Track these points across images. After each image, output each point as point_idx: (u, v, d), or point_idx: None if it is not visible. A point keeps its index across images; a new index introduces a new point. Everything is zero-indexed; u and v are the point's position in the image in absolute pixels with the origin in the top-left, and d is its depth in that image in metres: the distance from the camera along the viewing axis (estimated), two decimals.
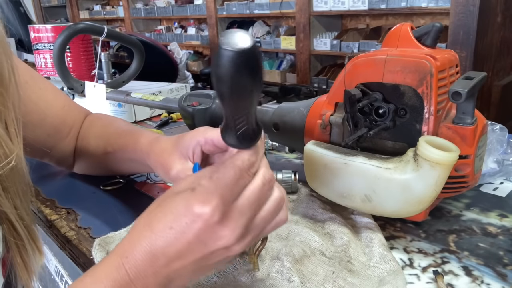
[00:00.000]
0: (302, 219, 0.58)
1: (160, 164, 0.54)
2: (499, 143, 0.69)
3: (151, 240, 0.37)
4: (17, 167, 0.44)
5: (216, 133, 0.49)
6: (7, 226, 0.45)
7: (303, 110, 0.64)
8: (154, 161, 0.57)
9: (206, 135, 0.50)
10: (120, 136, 0.66)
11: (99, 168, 0.74)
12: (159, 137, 0.59)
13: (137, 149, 0.61)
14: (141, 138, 0.61)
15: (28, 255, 0.48)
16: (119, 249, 0.38)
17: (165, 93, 1.21)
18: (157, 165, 0.56)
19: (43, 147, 0.67)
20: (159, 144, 0.57)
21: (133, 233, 0.39)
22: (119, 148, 0.65)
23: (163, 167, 0.53)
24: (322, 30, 3.00)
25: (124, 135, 0.65)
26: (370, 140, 0.56)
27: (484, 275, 0.47)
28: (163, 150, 0.55)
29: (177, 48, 3.06)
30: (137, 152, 0.61)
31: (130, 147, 0.62)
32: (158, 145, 0.57)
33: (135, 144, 0.61)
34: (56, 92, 0.71)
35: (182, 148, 0.52)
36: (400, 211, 0.51)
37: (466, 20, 2.06)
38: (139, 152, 0.60)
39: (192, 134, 0.51)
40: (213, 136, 0.49)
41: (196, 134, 0.51)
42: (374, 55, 0.54)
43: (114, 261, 0.38)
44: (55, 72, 1.24)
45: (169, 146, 0.54)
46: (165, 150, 0.54)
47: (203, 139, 0.50)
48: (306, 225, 0.56)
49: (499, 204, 0.62)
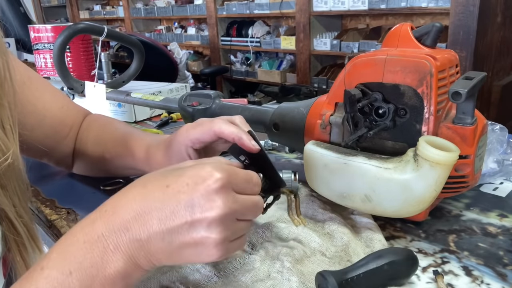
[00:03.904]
0: None
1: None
2: (499, 143, 0.69)
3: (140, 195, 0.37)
4: (13, 165, 0.44)
5: (198, 131, 0.51)
6: (6, 224, 0.45)
7: (303, 110, 0.64)
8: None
9: (190, 137, 0.52)
10: (116, 143, 0.67)
11: (98, 171, 0.74)
12: (150, 146, 0.61)
13: (135, 158, 0.63)
14: (138, 146, 0.63)
15: (28, 253, 0.48)
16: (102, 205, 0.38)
17: (165, 93, 1.21)
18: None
19: (42, 148, 0.67)
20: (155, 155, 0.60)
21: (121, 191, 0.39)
22: (116, 156, 0.67)
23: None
24: (322, 30, 3.00)
25: (120, 142, 0.67)
26: (370, 140, 0.56)
27: (484, 275, 0.47)
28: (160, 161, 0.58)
29: (177, 48, 3.06)
30: (136, 161, 0.63)
31: (128, 155, 0.65)
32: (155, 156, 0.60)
33: (133, 153, 0.64)
34: (55, 93, 0.71)
35: (176, 156, 0.54)
36: (400, 211, 0.51)
37: (466, 20, 2.06)
38: (138, 161, 0.63)
39: (178, 140, 0.54)
40: (197, 135, 0.52)
41: (182, 139, 0.53)
42: (374, 55, 0.54)
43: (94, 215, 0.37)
44: (55, 72, 1.24)
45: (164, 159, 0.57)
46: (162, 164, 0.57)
47: (190, 141, 0.52)
48: (306, 225, 0.56)
49: (499, 204, 0.62)
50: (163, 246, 0.36)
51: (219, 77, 3.76)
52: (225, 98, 0.77)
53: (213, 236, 0.36)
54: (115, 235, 0.36)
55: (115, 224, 0.36)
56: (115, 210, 0.37)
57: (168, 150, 0.56)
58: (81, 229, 0.37)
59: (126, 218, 0.36)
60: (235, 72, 3.68)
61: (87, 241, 0.36)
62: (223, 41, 3.69)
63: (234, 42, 3.59)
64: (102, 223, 0.36)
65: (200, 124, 0.52)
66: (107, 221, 0.36)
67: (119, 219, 0.36)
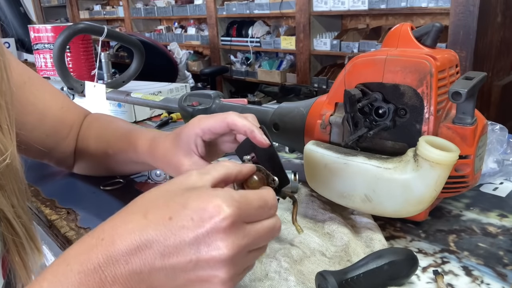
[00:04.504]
0: (302, 219, 0.58)
1: (167, 164, 0.56)
2: (499, 143, 0.69)
3: (141, 226, 0.33)
4: (12, 165, 0.44)
5: (211, 121, 0.51)
6: (4, 225, 0.45)
7: (303, 110, 0.64)
8: (160, 162, 0.58)
9: (202, 126, 0.51)
10: (119, 139, 0.66)
11: (100, 169, 0.74)
12: (156, 137, 0.60)
13: (138, 151, 0.62)
14: (140, 139, 0.62)
15: (26, 253, 0.48)
16: (98, 230, 0.35)
17: (165, 93, 1.21)
18: (164, 166, 0.57)
19: (42, 148, 0.67)
20: (159, 146, 0.58)
21: (119, 215, 0.36)
22: (119, 151, 0.66)
23: (171, 167, 0.55)
24: (322, 30, 3.00)
25: (123, 137, 0.66)
26: (370, 140, 0.56)
27: (484, 275, 0.47)
28: (166, 151, 0.56)
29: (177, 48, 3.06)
30: (139, 154, 0.62)
31: (131, 149, 0.63)
32: (159, 147, 0.58)
33: (136, 146, 0.62)
34: (55, 93, 0.71)
35: (183, 145, 0.53)
36: (400, 211, 0.51)
37: (466, 20, 2.06)
38: (141, 154, 0.61)
39: (189, 128, 0.53)
40: (209, 124, 0.51)
41: (192, 128, 0.52)
42: (374, 55, 0.54)
43: (89, 241, 0.34)
44: (55, 72, 1.24)
45: (170, 146, 0.55)
46: (168, 151, 0.55)
47: (200, 130, 0.51)
48: (306, 225, 0.56)
49: (499, 204, 0.62)
50: (167, 281, 0.34)
51: (219, 77, 3.76)
52: (225, 98, 0.77)
53: (220, 275, 0.33)
54: (114, 267, 0.33)
55: (114, 255, 0.33)
56: (113, 239, 0.33)
57: (177, 139, 0.54)
58: (75, 256, 0.34)
59: (126, 250, 0.33)
60: (235, 72, 3.68)
61: (82, 272, 0.33)
62: (223, 41, 3.68)
63: (234, 42, 3.59)
64: (99, 252, 0.33)
65: (213, 115, 0.51)
66: (104, 251, 0.33)
67: (118, 250, 0.33)
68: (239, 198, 0.34)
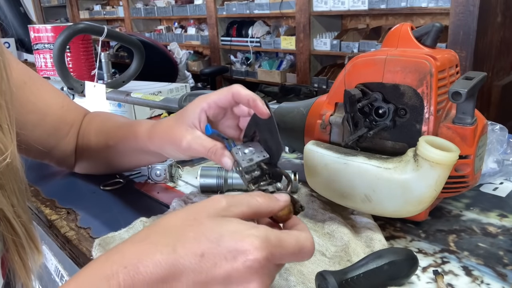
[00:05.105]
0: (302, 219, 0.58)
1: (167, 140, 0.55)
2: (499, 143, 0.69)
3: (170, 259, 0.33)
4: (12, 164, 0.44)
5: (216, 94, 0.52)
6: (4, 224, 0.45)
7: (303, 110, 0.64)
8: (159, 141, 0.57)
9: (208, 100, 0.52)
10: (119, 128, 0.67)
11: (101, 165, 0.74)
12: (158, 122, 0.60)
13: (138, 137, 0.62)
14: (140, 126, 0.62)
15: (26, 253, 0.48)
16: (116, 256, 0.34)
17: (165, 93, 1.21)
18: (164, 144, 0.56)
19: (43, 148, 0.68)
20: (161, 125, 0.58)
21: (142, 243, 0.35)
22: (120, 140, 0.66)
23: (171, 142, 0.54)
24: (322, 30, 3.00)
25: (124, 127, 0.66)
26: (370, 140, 0.56)
27: (484, 275, 0.47)
28: (167, 127, 0.56)
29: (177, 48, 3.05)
30: (138, 140, 0.62)
31: (130, 137, 0.63)
32: (160, 125, 0.58)
33: (136, 133, 0.62)
34: (55, 92, 0.72)
35: (187, 119, 0.53)
36: (400, 211, 0.51)
37: (466, 20, 2.06)
38: (140, 140, 0.61)
39: (195, 103, 0.53)
40: (215, 97, 0.51)
41: (198, 102, 0.53)
42: (374, 55, 0.54)
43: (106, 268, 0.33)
44: (55, 72, 1.24)
45: (172, 123, 0.55)
46: (169, 127, 0.55)
47: (206, 104, 0.52)
48: (306, 225, 0.56)
49: (499, 204, 0.62)
50: None
51: (219, 77, 3.76)
52: None
53: None
54: None
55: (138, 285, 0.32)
56: (137, 268, 0.32)
57: (180, 116, 0.54)
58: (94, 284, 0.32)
59: (152, 280, 0.32)
60: (235, 72, 3.68)
61: None
62: (223, 41, 3.68)
63: (234, 42, 3.59)
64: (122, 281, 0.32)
65: (219, 90, 0.53)
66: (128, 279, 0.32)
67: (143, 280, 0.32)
68: (275, 242, 0.34)
